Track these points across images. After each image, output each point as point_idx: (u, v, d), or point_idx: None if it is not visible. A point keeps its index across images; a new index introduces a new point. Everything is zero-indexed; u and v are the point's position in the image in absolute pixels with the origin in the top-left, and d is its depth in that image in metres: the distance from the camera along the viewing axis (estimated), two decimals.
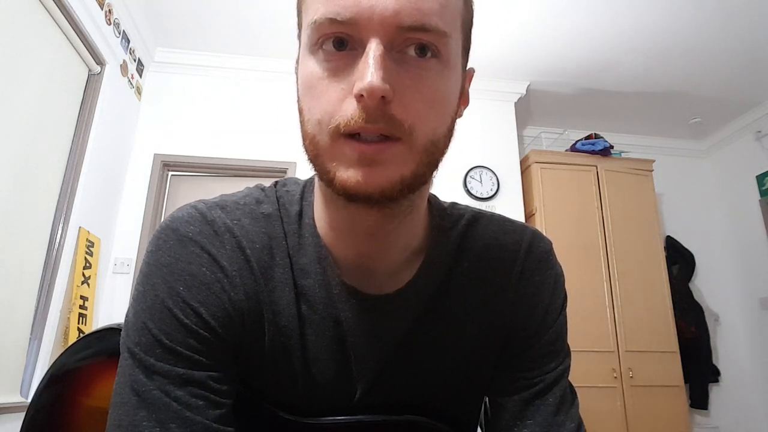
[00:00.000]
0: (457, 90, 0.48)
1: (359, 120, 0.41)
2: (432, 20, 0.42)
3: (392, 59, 0.42)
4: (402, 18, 0.41)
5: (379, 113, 0.41)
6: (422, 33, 0.42)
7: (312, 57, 0.44)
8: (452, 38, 0.44)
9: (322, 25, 0.42)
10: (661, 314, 3.28)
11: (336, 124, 0.42)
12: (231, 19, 2.96)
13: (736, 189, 3.99)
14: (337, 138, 0.42)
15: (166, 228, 0.50)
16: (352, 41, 0.42)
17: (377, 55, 0.40)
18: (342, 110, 0.42)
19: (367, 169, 0.42)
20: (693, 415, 3.59)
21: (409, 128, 0.42)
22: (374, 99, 0.40)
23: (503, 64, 3.35)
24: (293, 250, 0.53)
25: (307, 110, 0.45)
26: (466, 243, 0.57)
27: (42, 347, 2.18)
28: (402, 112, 0.42)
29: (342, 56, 0.43)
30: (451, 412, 0.58)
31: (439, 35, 0.42)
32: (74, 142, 2.43)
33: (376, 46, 0.41)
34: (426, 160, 0.44)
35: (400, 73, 0.42)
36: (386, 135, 0.42)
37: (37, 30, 2.08)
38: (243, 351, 0.51)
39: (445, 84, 0.45)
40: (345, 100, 0.42)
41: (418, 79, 0.43)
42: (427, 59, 0.43)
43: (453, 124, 0.48)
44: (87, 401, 0.60)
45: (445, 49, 0.44)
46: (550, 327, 0.56)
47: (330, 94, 0.42)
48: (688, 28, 2.95)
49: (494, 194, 3.36)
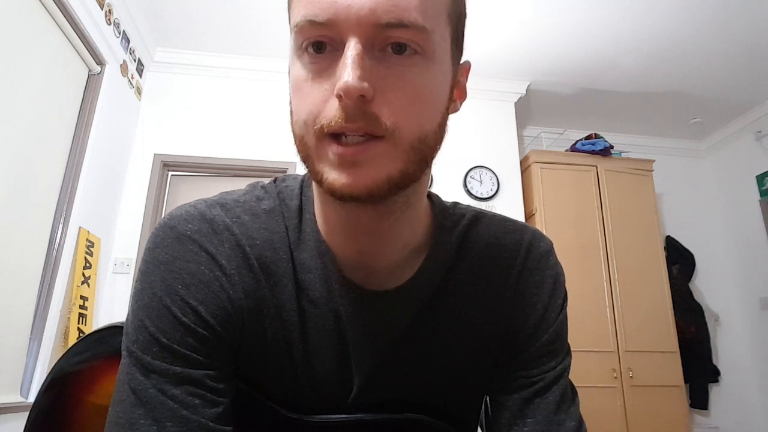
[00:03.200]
0: (447, 84, 0.47)
1: (340, 120, 0.41)
2: (410, 16, 0.41)
3: (373, 57, 0.42)
4: (379, 15, 0.40)
5: (359, 112, 0.41)
6: (401, 29, 0.41)
7: (298, 60, 0.44)
8: (435, 33, 0.44)
9: (304, 28, 0.42)
10: (661, 314, 3.28)
11: (320, 125, 0.42)
12: (231, 19, 2.96)
13: (736, 189, 3.99)
14: (322, 138, 0.42)
15: (164, 226, 0.51)
16: (333, 42, 0.42)
17: (354, 55, 0.40)
18: (325, 111, 0.42)
19: (351, 170, 0.42)
20: (693, 415, 3.59)
21: (393, 126, 0.42)
22: (352, 98, 0.40)
23: (503, 64, 3.36)
24: (294, 244, 0.53)
25: (295, 112, 0.45)
26: (467, 242, 0.57)
27: (42, 347, 2.18)
28: (385, 111, 0.41)
29: (324, 57, 0.43)
30: (452, 411, 0.58)
31: (418, 30, 0.42)
32: (74, 142, 2.43)
33: (354, 45, 0.41)
34: (414, 157, 0.44)
35: (381, 71, 0.42)
36: (369, 134, 0.42)
37: (37, 30, 2.08)
38: (243, 348, 0.51)
39: (431, 80, 0.44)
40: (328, 101, 0.42)
41: (400, 76, 0.42)
42: (410, 56, 0.43)
43: (444, 119, 0.47)
44: (89, 398, 0.60)
45: (427, 44, 0.43)
46: (550, 326, 0.56)
47: (314, 95, 0.43)
48: (688, 28, 2.95)
49: (494, 194, 3.36)
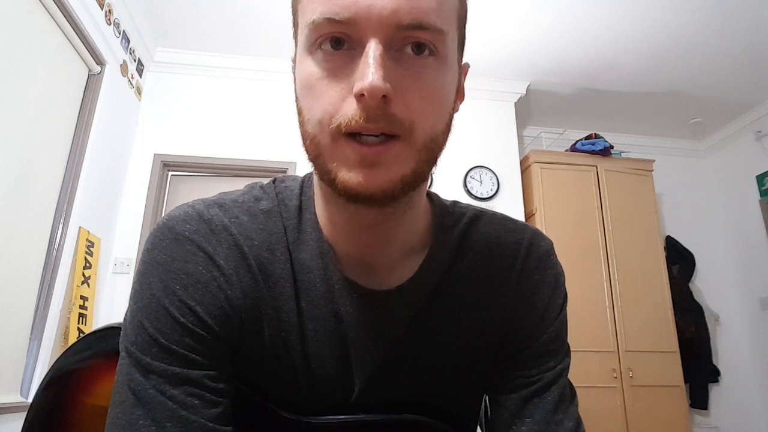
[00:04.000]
0: (455, 86, 0.48)
1: (360, 120, 0.41)
2: (430, 18, 0.42)
3: (391, 58, 0.42)
4: (400, 17, 0.41)
5: (380, 112, 0.41)
6: (420, 31, 0.42)
7: (310, 57, 0.44)
8: (449, 35, 0.45)
9: (321, 25, 0.42)
10: (661, 314, 3.28)
11: (337, 124, 0.42)
12: (231, 19, 2.96)
13: (736, 189, 3.99)
14: (338, 138, 0.42)
15: (162, 227, 0.51)
16: (351, 41, 0.42)
17: (377, 55, 0.40)
18: (342, 110, 0.42)
19: (368, 171, 0.42)
20: (693, 415, 3.59)
21: (409, 126, 0.42)
22: (375, 98, 0.40)
23: (503, 64, 3.35)
24: (293, 245, 0.53)
25: (307, 110, 0.45)
26: (467, 241, 0.57)
27: (42, 347, 2.18)
28: (402, 111, 0.42)
29: (341, 56, 0.43)
30: (451, 410, 0.58)
31: (436, 33, 0.43)
32: (74, 142, 2.43)
33: (376, 45, 0.41)
34: (426, 157, 0.44)
35: (399, 71, 0.42)
36: (387, 133, 0.42)
37: (37, 30, 2.08)
38: (242, 348, 0.51)
39: (443, 81, 0.45)
40: (345, 100, 0.42)
41: (417, 77, 0.43)
42: (425, 57, 0.43)
43: (451, 119, 0.48)
44: (88, 400, 0.60)
45: (442, 47, 0.44)
46: (550, 326, 0.56)
47: (330, 94, 0.42)
48: (688, 28, 2.95)
49: (494, 194, 3.36)
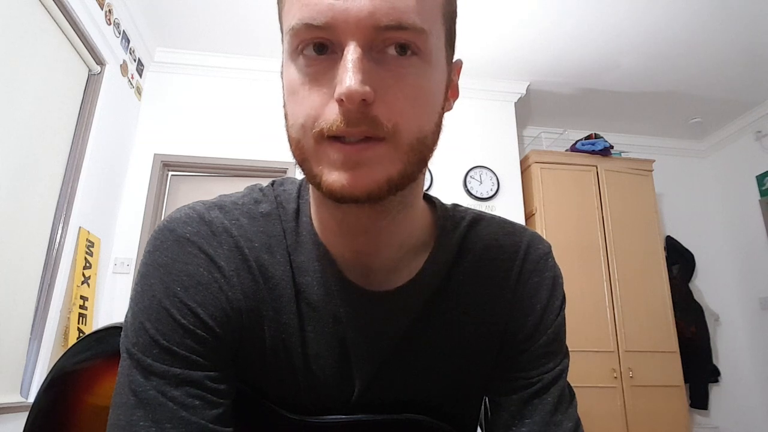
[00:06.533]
0: (443, 84, 0.48)
1: (341, 124, 0.41)
2: (409, 18, 0.41)
3: (372, 60, 0.41)
4: (378, 18, 0.40)
5: (361, 116, 0.41)
6: (400, 32, 0.41)
7: (293, 63, 0.44)
8: (432, 33, 0.44)
9: (300, 31, 0.42)
10: (661, 314, 3.29)
11: (320, 129, 0.42)
12: (231, 19, 2.96)
13: (736, 189, 3.99)
14: (321, 141, 0.42)
15: (163, 229, 0.51)
16: (331, 45, 0.42)
17: (354, 58, 0.40)
18: (325, 114, 0.42)
19: (352, 172, 0.42)
20: (693, 415, 3.59)
21: (393, 128, 0.42)
22: (354, 103, 0.40)
23: (503, 64, 3.36)
24: (292, 248, 0.53)
25: (291, 115, 0.45)
26: (466, 244, 0.57)
27: (42, 347, 2.18)
28: (385, 113, 0.41)
29: (322, 60, 0.42)
30: (451, 411, 0.58)
31: (417, 32, 0.42)
32: (74, 142, 2.43)
33: (354, 48, 0.40)
34: (414, 158, 0.44)
35: (380, 73, 0.41)
36: (370, 137, 0.42)
37: (37, 30, 2.08)
38: (243, 350, 0.51)
39: (428, 80, 0.45)
40: (327, 105, 0.42)
41: (399, 77, 0.42)
42: (408, 57, 0.43)
43: (441, 119, 0.47)
44: (89, 400, 0.60)
45: (425, 45, 0.43)
46: (548, 328, 0.56)
47: (312, 98, 0.42)
48: (688, 28, 2.95)
49: (494, 194, 3.36)
